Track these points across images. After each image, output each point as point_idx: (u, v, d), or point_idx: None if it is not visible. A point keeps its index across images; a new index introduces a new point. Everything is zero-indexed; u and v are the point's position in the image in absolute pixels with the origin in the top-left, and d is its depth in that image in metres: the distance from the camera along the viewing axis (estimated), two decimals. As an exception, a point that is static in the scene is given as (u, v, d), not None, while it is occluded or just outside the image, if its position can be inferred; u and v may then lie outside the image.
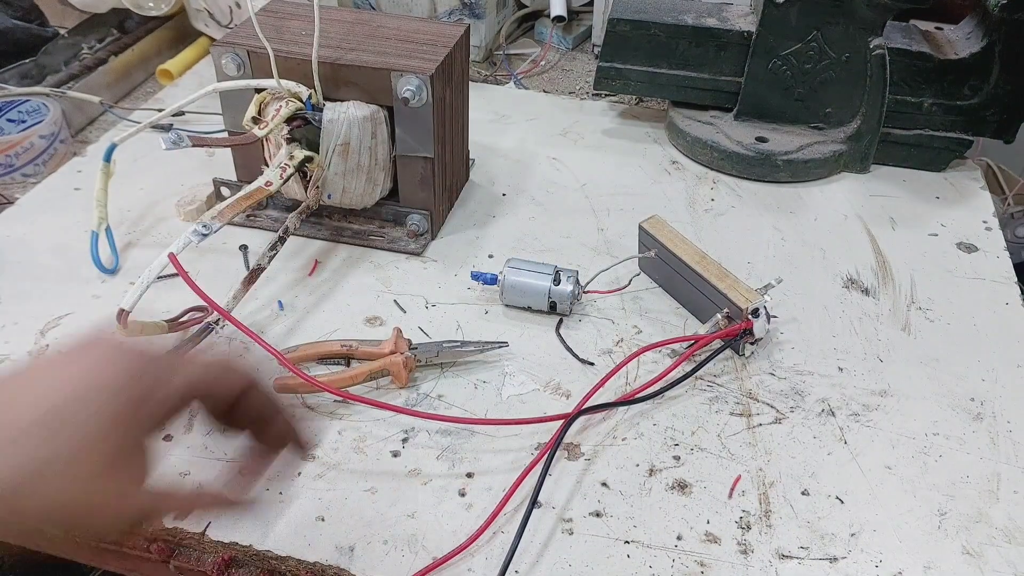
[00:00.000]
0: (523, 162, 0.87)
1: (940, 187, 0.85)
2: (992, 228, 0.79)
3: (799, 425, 0.59)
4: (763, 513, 0.53)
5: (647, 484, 0.55)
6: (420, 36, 0.71)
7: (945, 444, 0.58)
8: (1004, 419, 0.60)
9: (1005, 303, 0.71)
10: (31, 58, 0.95)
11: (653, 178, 0.85)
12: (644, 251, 0.69)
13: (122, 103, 0.96)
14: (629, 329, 0.67)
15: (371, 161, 0.69)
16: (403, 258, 0.73)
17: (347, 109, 0.67)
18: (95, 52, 0.97)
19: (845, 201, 0.82)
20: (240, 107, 0.69)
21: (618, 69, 0.88)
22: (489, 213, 0.79)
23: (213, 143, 0.67)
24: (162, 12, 1.03)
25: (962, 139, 0.84)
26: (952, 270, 0.74)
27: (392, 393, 0.60)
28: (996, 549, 0.52)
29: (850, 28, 0.80)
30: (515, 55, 1.08)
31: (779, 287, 0.66)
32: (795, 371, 0.63)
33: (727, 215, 0.80)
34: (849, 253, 0.76)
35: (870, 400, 0.61)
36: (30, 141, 0.82)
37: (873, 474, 0.56)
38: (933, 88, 0.83)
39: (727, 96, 0.88)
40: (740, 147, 0.84)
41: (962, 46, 0.83)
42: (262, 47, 0.66)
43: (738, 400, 0.61)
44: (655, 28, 0.85)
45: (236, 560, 0.51)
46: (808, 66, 0.83)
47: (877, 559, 0.51)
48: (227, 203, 0.64)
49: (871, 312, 0.69)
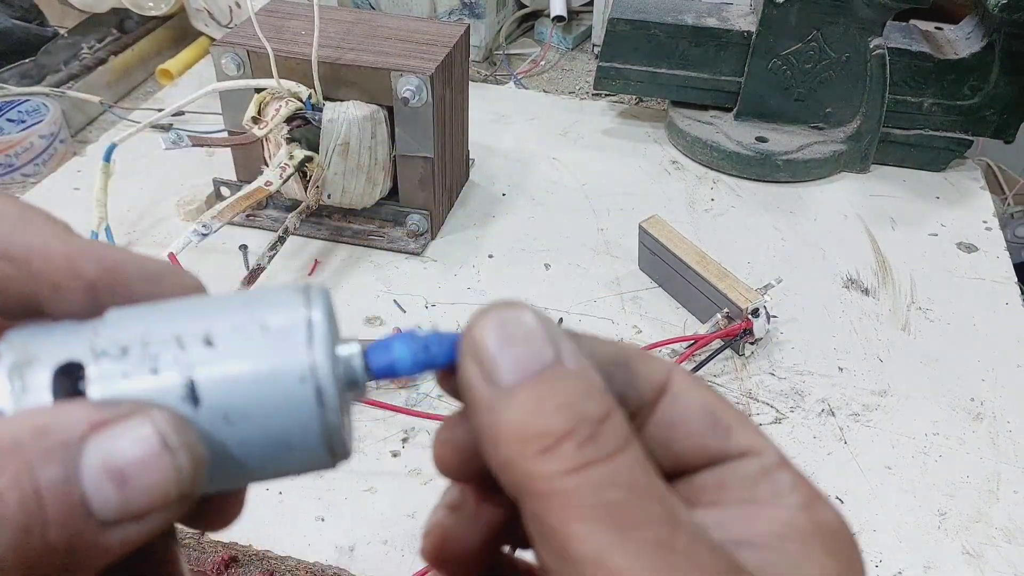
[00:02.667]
0: (523, 162, 0.87)
1: (940, 187, 0.85)
2: (992, 228, 0.79)
3: (799, 425, 0.59)
4: (763, 513, 0.53)
5: (647, 484, 0.55)
6: (420, 36, 0.71)
7: (945, 444, 0.58)
8: (1004, 419, 0.60)
9: (1005, 303, 0.71)
10: (31, 58, 0.95)
11: (653, 178, 0.85)
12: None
13: (122, 103, 0.96)
14: (629, 329, 0.67)
15: (371, 161, 0.69)
16: (403, 258, 0.73)
17: (347, 109, 0.67)
18: (95, 52, 0.97)
19: (845, 201, 0.82)
20: (240, 107, 0.69)
21: (618, 69, 0.88)
22: (489, 213, 0.79)
23: (213, 143, 0.67)
24: (162, 12, 1.03)
25: (962, 139, 0.84)
26: (952, 270, 0.74)
27: (392, 393, 0.60)
28: (996, 549, 0.52)
29: (850, 28, 0.80)
30: (515, 55, 1.08)
31: (779, 287, 0.66)
32: (795, 371, 0.63)
33: (727, 215, 0.80)
34: (849, 253, 0.76)
35: (870, 400, 0.61)
36: (30, 141, 0.82)
37: (873, 474, 0.56)
38: (933, 88, 0.83)
39: (727, 96, 0.88)
40: (740, 147, 0.84)
41: (962, 46, 0.83)
42: (262, 47, 0.66)
43: (738, 400, 0.61)
44: (655, 28, 0.85)
45: (236, 560, 0.51)
46: (808, 66, 0.83)
47: (877, 559, 0.51)
48: (227, 203, 0.64)
49: (871, 312, 0.69)
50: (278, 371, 0.19)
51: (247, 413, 0.19)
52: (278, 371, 0.19)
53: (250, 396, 0.19)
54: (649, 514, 0.18)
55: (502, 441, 0.18)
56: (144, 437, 0.18)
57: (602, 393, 0.19)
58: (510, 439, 0.18)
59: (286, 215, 0.71)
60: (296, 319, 0.19)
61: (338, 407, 0.19)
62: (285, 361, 0.19)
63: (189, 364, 0.19)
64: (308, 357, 0.19)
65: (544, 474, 0.18)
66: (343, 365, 0.20)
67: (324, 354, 0.19)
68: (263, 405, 0.19)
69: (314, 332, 0.19)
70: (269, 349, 0.19)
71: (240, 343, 0.19)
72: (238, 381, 0.19)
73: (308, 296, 0.20)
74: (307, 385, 0.19)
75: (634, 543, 0.17)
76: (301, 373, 0.19)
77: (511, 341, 0.19)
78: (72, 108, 0.90)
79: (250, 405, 0.19)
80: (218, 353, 0.19)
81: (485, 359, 0.19)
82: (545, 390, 0.18)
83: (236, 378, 0.19)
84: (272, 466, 0.20)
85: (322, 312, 0.20)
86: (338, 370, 0.19)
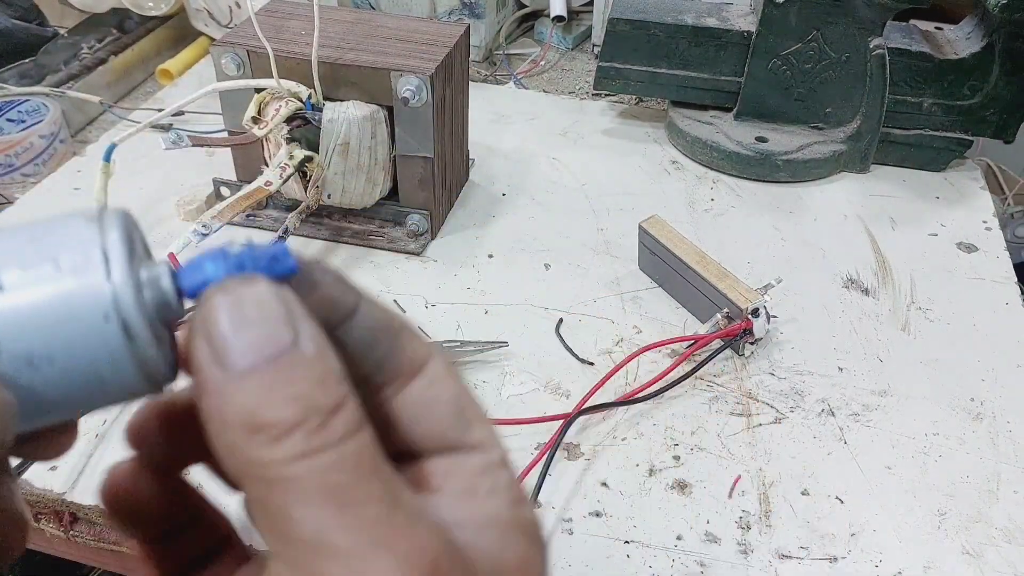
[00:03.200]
0: (523, 162, 0.87)
1: (940, 187, 0.85)
2: (992, 228, 0.79)
3: (799, 425, 0.59)
4: (763, 513, 0.53)
5: (647, 484, 0.55)
6: (420, 36, 0.71)
7: (945, 444, 0.58)
8: (1004, 419, 0.60)
9: (1005, 303, 0.71)
10: (30, 58, 0.95)
11: (653, 178, 0.85)
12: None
13: (122, 103, 0.96)
14: (629, 329, 0.67)
15: (371, 161, 0.69)
16: (403, 258, 0.73)
17: (347, 109, 0.67)
18: (95, 52, 0.97)
19: (845, 201, 0.82)
20: (240, 107, 0.69)
21: (618, 69, 0.88)
22: (489, 213, 0.79)
23: (213, 143, 0.67)
24: (162, 12, 1.03)
25: (962, 139, 0.84)
26: (952, 270, 0.74)
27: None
28: (996, 549, 0.52)
29: (850, 28, 0.80)
30: (515, 55, 1.08)
31: (779, 287, 0.66)
32: (795, 371, 0.63)
33: (727, 215, 0.80)
34: (849, 253, 0.76)
35: (870, 400, 0.61)
36: (30, 141, 0.82)
37: (873, 474, 0.56)
38: (933, 88, 0.83)
39: (727, 96, 0.88)
40: (740, 147, 0.84)
41: (962, 46, 0.83)
42: (262, 47, 0.66)
43: (738, 400, 0.61)
44: (655, 28, 0.85)
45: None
46: (808, 66, 0.83)
47: (877, 559, 0.51)
48: (227, 203, 0.64)
49: (871, 312, 0.69)
50: (77, 310, 0.18)
51: (51, 356, 0.18)
52: (77, 310, 0.18)
53: (52, 339, 0.18)
54: (370, 493, 0.18)
55: (228, 427, 0.18)
56: None
57: (337, 381, 0.19)
58: (237, 426, 0.18)
59: (286, 215, 0.71)
60: (89, 250, 0.18)
61: (150, 337, 0.18)
62: (83, 299, 0.18)
63: None
64: (108, 290, 0.18)
65: (270, 461, 0.18)
66: (151, 289, 0.19)
67: (125, 284, 0.18)
68: (68, 347, 0.18)
69: (111, 262, 0.18)
70: (64, 287, 0.18)
71: (32, 285, 0.18)
72: (36, 326, 0.18)
73: (102, 222, 0.19)
74: (111, 323, 0.18)
75: (354, 520, 0.18)
76: (104, 310, 0.18)
77: (245, 323, 0.18)
78: (72, 108, 0.90)
79: (54, 348, 0.18)
80: (9, 298, 0.18)
81: (216, 340, 0.18)
82: (278, 378, 0.18)
83: (33, 323, 0.18)
84: (92, 401, 0.19)
85: (119, 237, 0.18)
86: (144, 297, 0.18)
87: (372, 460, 0.19)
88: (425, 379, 0.22)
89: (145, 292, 0.18)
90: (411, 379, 0.22)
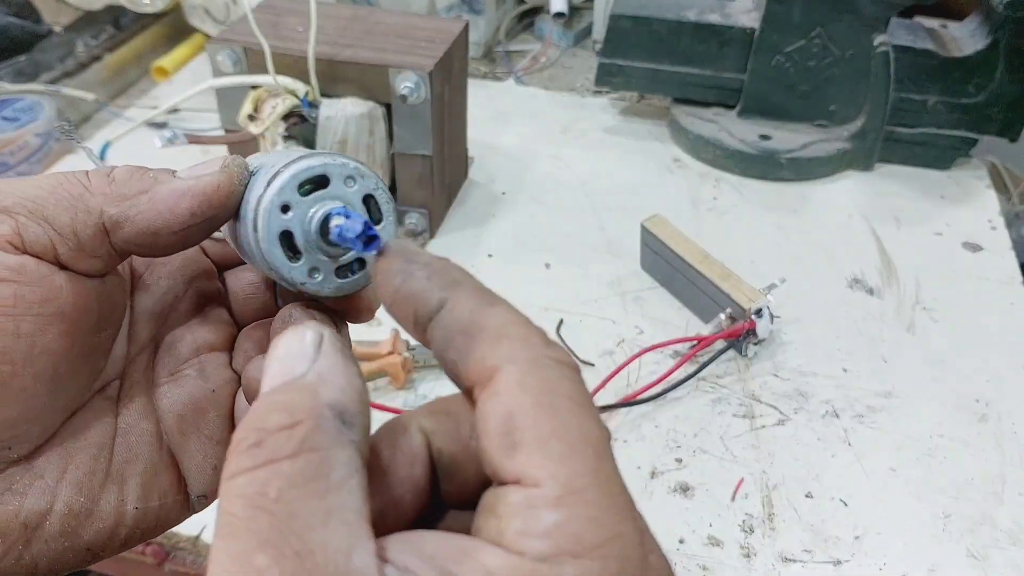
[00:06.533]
0: (523, 160, 0.86)
1: (945, 186, 0.84)
2: (997, 227, 0.79)
3: (803, 427, 0.58)
4: (766, 516, 0.53)
5: (649, 487, 0.54)
6: (418, 32, 0.71)
7: (950, 446, 0.57)
8: (1009, 421, 0.59)
9: (1011, 303, 0.70)
10: (25, 55, 0.94)
11: (655, 176, 0.84)
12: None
13: (117, 100, 0.95)
14: (631, 329, 0.66)
15: (369, 159, 0.68)
16: (401, 257, 0.72)
17: (344, 106, 0.66)
18: (90, 49, 0.96)
19: (849, 200, 0.82)
20: (236, 104, 0.68)
21: (619, 66, 0.87)
22: (488, 212, 0.79)
23: (209, 140, 0.66)
24: (157, 9, 1.02)
25: (967, 137, 0.84)
26: (957, 270, 0.73)
27: (390, 395, 0.60)
28: (1001, 552, 0.51)
29: (854, 24, 0.80)
30: (515, 52, 1.07)
31: (783, 287, 0.66)
32: (799, 372, 0.63)
33: (730, 214, 0.79)
34: (853, 252, 0.75)
35: (874, 401, 0.60)
36: (24, 140, 0.81)
37: (877, 476, 0.55)
38: (938, 86, 0.82)
39: (730, 93, 0.87)
40: (743, 145, 0.83)
41: (967, 43, 0.82)
42: (258, 43, 0.65)
43: (741, 401, 0.60)
44: (657, 24, 0.84)
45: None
46: (812, 63, 0.82)
47: (881, 562, 0.50)
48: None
49: (875, 312, 0.68)
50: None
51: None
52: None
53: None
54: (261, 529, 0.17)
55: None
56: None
57: (302, 407, 0.19)
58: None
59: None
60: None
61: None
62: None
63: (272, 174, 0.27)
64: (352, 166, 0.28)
65: (227, 468, 0.18)
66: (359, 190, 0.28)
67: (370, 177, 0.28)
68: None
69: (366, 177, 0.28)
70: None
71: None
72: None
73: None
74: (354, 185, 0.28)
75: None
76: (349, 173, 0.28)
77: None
78: (67, 106, 0.89)
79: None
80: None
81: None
82: (270, 398, 0.19)
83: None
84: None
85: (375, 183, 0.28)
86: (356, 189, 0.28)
87: (292, 490, 0.18)
88: (488, 391, 0.20)
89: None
90: (482, 390, 0.20)
